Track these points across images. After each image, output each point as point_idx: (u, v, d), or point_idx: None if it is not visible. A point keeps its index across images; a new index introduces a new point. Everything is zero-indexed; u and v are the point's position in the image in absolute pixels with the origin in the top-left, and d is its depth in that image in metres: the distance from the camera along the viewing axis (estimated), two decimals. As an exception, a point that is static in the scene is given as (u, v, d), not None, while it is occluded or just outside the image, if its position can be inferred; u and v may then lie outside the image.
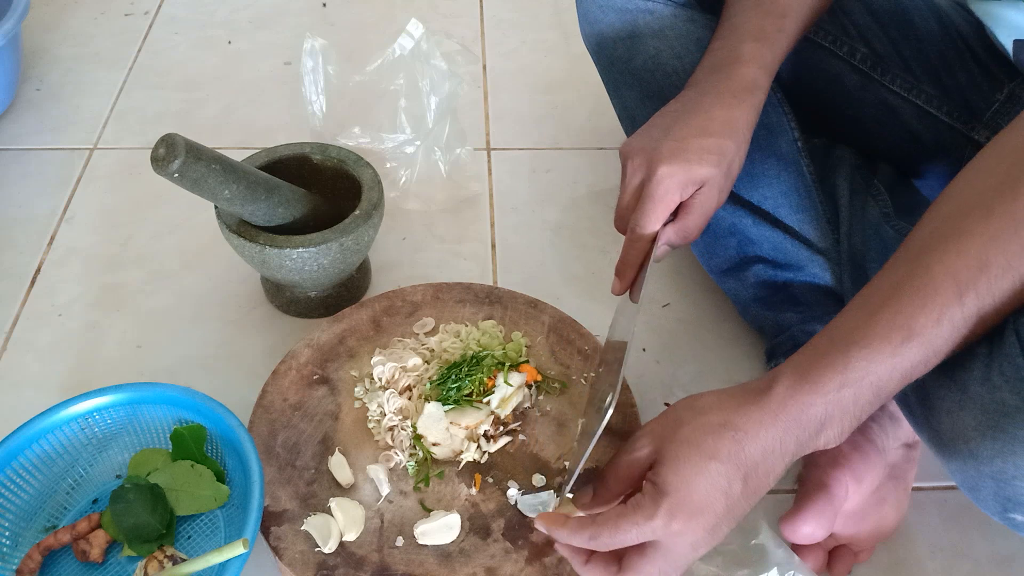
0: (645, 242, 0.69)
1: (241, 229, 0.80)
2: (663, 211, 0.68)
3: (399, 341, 0.80)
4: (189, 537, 0.70)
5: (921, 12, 0.83)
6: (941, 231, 0.52)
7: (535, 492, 0.70)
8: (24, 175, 1.08)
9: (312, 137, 0.99)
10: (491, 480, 0.71)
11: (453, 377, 0.74)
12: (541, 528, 0.61)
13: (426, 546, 0.67)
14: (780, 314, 0.82)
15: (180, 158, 0.69)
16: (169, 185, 0.74)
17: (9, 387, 0.85)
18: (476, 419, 0.72)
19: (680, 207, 0.69)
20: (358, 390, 0.77)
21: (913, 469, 0.74)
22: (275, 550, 0.66)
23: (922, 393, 0.56)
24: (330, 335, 0.81)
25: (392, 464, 0.72)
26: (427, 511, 0.69)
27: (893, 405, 0.72)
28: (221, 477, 0.71)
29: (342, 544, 0.66)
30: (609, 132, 1.14)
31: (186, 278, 0.96)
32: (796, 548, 0.69)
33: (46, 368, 0.87)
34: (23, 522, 0.70)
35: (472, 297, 0.85)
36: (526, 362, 0.77)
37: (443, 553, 0.66)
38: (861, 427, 0.55)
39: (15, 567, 0.67)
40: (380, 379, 0.76)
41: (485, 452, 0.72)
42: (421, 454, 0.72)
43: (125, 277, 0.96)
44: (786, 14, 0.73)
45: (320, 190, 0.88)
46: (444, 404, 0.72)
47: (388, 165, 1.00)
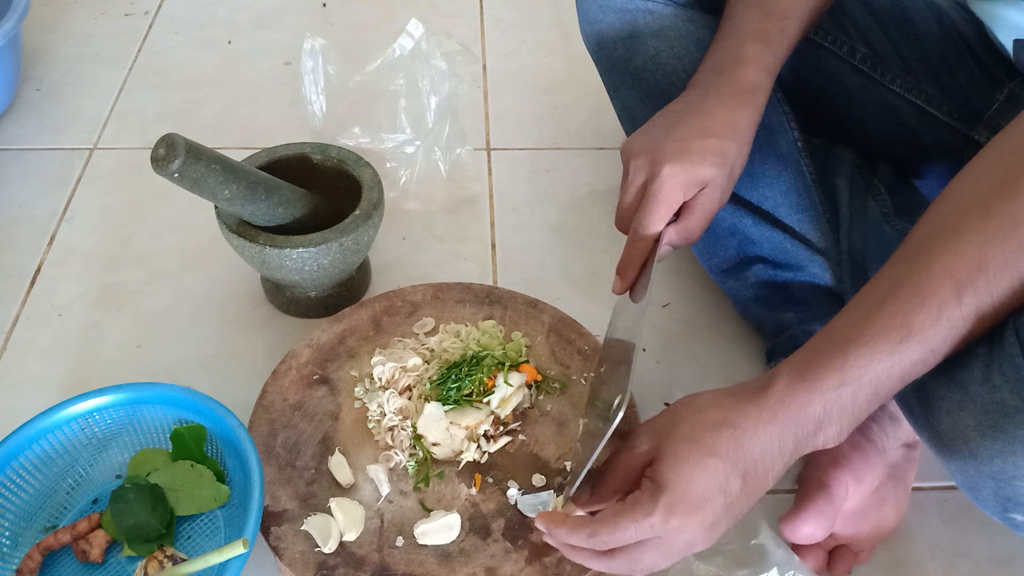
0: (647, 242, 0.69)
1: (241, 229, 0.80)
2: (666, 211, 0.68)
3: (399, 341, 0.80)
4: (189, 537, 0.70)
5: (921, 12, 0.83)
6: (940, 230, 0.52)
7: (535, 492, 0.70)
8: (24, 175, 1.08)
9: (312, 137, 0.99)
10: (491, 480, 0.71)
11: (453, 377, 0.74)
12: (540, 527, 0.61)
13: (426, 546, 0.67)
14: (780, 314, 0.82)
15: (180, 158, 0.69)
16: (169, 185, 0.74)
17: (9, 387, 0.85)
18: (476, 419, 0.72)
19: (682, 208, 0.69)
20: (358, 390, 0.77)
21: (913, 469, 0.74)
22: (275, 550, 0.66)
23: (922, 393, 0.56)
24: (330, 335, 0.81)
25: (392, 464, 0.72)
26: (427, 511, 0.69)
27: (893, 405, 0.72)
28: (221, 477, 0.71)
29: (342, 544, 0.66)
30: (609, 132, 1.14)
31: (186, 278, 0.96)
32: (796, 548, 0.69)
33: (46, 368, 0.87)
34: (23, 522, 0.70)
35: (472, 297, 0.85)
36: (526, 362, 0.77)
37: (443, 553, 0.66)
38: (861, 427, 0.55)
39: (15, 567, 0.67)
40: (380, 379, 0.76)
41: (485, 452, 0.72)
42: (421, 454, 0.72)
43: (125, 277, 0.96)
44: (788, 15, 0.73)
45: (320, 190, 0.87)
46: (444, 404, 0.72)
47: (388, 165, 1.00)
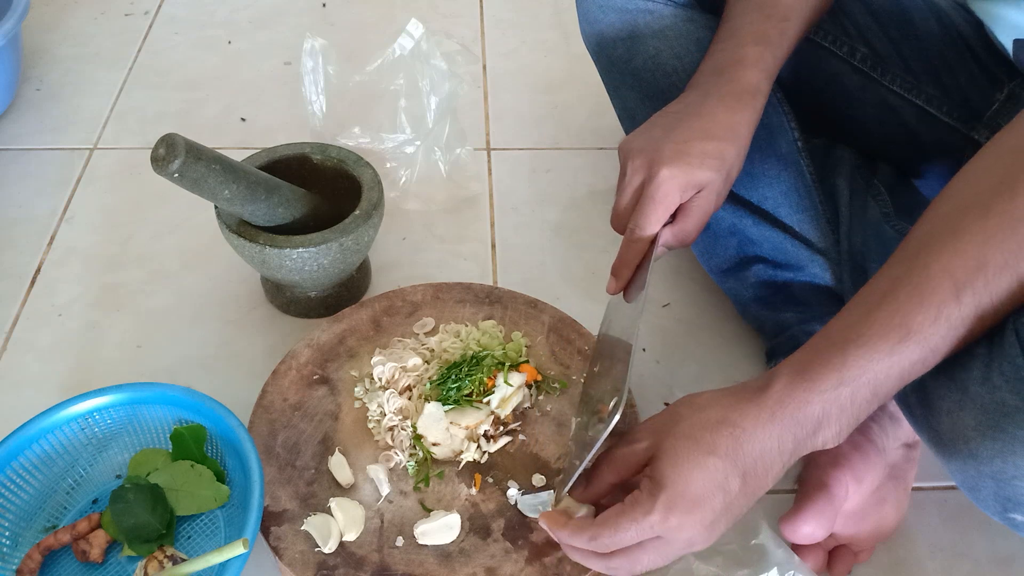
0: (643, 243, 0.69)
1: (241, 229, 0.80)
2: (663, 213, 0.68)
3: (399, 341, 0.80)
4: (189, 537, 0.70)
5: (921, 12, 0.83)
6: (939, 230, 0.52)
7: (535, 492, 0.70)
8: (24, 175, 1.08)
9: (312, 137, 0.99)
10: (491, 480, 0.71)
11: (453, 377, 0.74)
12: (544, 525, 0.61)
13: (426, 546, 0.67)
14: (780, 314, 0.82)
15: (180, 158, 0.69)
16: (169, 185, 0.74)
17: (9, 387, 0.85)
18: (476, 419, 0.72)
19: (678, 209, 0.69)
20: (358, 390, 0.77)
21: (913, 469, 0.74)
22: (275, 550, 0.66)
23: (922, 393, 0.56)
24: (330, 335, 0.81)
25: (392, 464, 0.72)
26: (427, 511, 0.69)
27: (893, 405, 0.72)
28: (221, 477, 0.71)
29: (342, 544, 0.66)
30: (609, 132, 1.14)
31: (186, 278, 0.96)
32: (796, 548, 0.69)
33: (46, 368, 0.87)
34: (23, 522, 0.70)
35: (472, 297, 0.85)
36: (526, 362, 0.77)
37: (443, 553, 0.66)
38: (861, 427, 0.55)
39: (15, 567, 0.67)
40: (380, 379, 0.76)
41: (485, 452, 0.72)
42: (421, 454, 0.72)
43: (125, 277, 0.96)
44: (788, 17, 0.73)
45: (320, 190, 0.88)
46: (444, 404, 0.72)
47: (388, 165, 1.00)
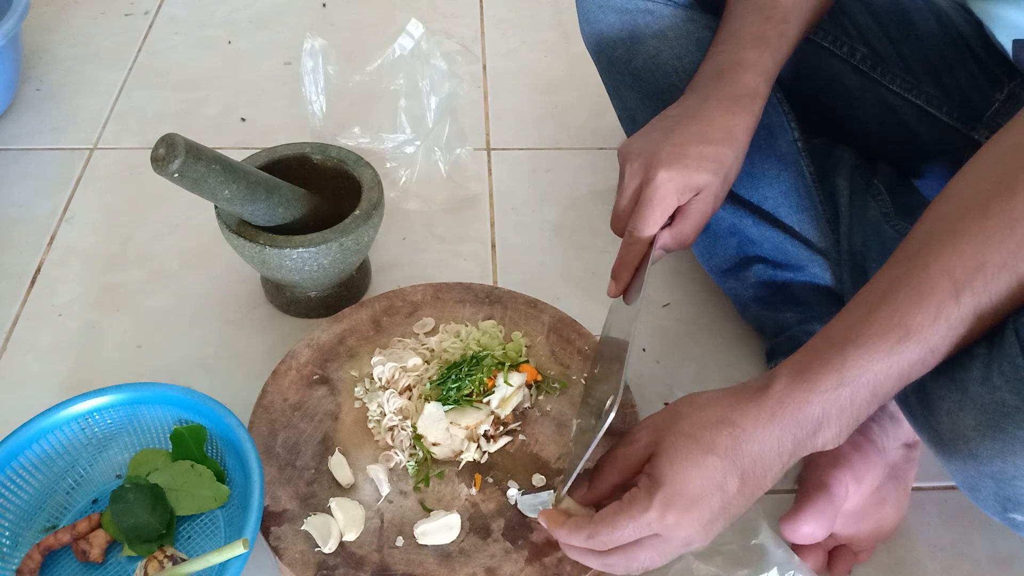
0: (642, 245, 0.69)
1: (241, 229, 0.81)
2: (660, 215, 0.68)
3: (399, 341, 0.80)
4: (189, 537, 0.70)
5: (921, 12, 0.83)
6: (938, 230, 0.52)
7: (535, 492, 0.70)
8: (24, 175, 1.08)
9: (312, 137, 0.99)
10: (491, 480, 0.71)
11: (453, 377, 0.74)
12: (543, 523, 0.61)
13: (426, 546, 0.67)
14: (780, 314, 0.82)
15: (180, 158, 0.69)
16: (169, 185, 0.74)
17: (9, 387, 0.85)
18: (476, 419, 0.72)
19: (676, 212, 0.69)
20: (358, 390, 0.77)
21: (913, 469, 0.74)
22: (275, 550, 0.66)
23: (922, 393, 0.56)
24: (330, 335, 0.81)
25: (392, 464, 0.72)
26: (427, 511, 0.69)
27: (893, 405, 0.72)
28: (221, 477, 0.71)
29: (342, 544, 0.66)
30: (609, 132, 1.14)
31: (186, 278, 0.96)
32: (796, 548, 0.69)
33: (46, 368, 0.87)
34: (23, 522, 0.70)
35: (472, 297, 0.85)
36: (526, 362, 0.77)
37: (443, 553, 0.66)
38: (861, 427, 0.55)
39: (15, 567, 0.67)
40: (380, 379, 0.76)
41: (485, 452, 0.72)
42: (421, 454, 0.72)
43: (125, 277, 0.96)
44: (787, 19, 0.73)
45: (320, 190, 0.88)
46: (444, 404, 0.72)
47: (388, 165, 1.00)
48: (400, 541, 0.67)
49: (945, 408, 0.54)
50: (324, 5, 1.39)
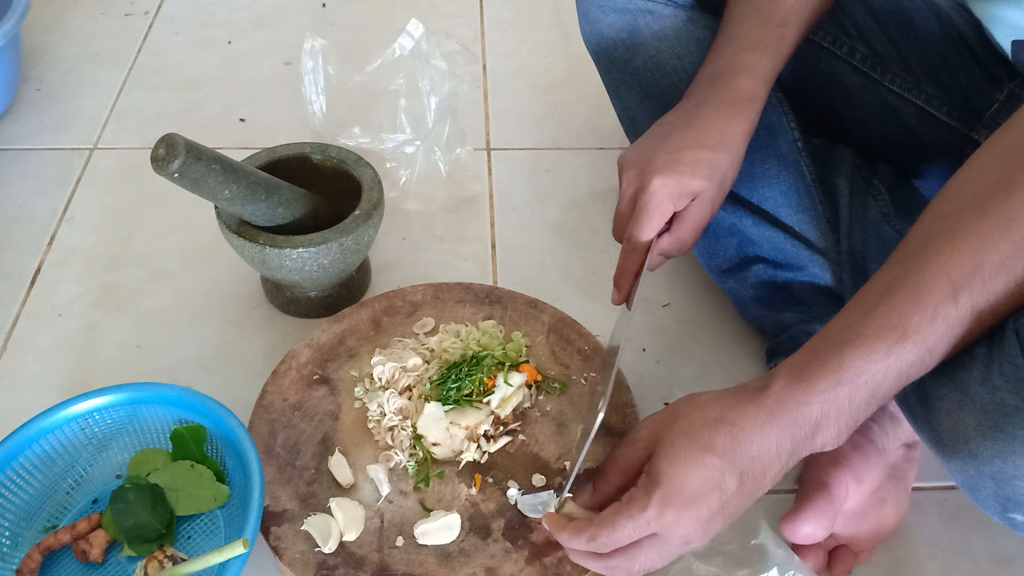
0: (640, 251, 0.70)
1: (241, 229, 0.81)
2: (657, 222, 0.69)
3: (399, 341, 0.80)
4: (189, 537, 0.70)
5: (921, 12, 0.83)
6: (936, 231, 0.52)
7: (535, 492, 0.70)
8: (24, 175, 1.08)
9: (312, 137, 0.99)
10: (491, 480, 0.71)
11: (453, 377, 0.74)
12: (546, 526, 0.61)
13: (426, 546, 0.67)
14: (780, 314, 0.82)
15: (180, 158, 0.69)
16: (169, 185, 0.74)
17: (9, 387, 0.85)
18: (476, 419, 0.72)
19: (674, 218, 0.70)
20: (358, 390, 0.77)
21: (913, 469, 0.74)
22: (275, 550, 0.66)
23: (922, 393, 0.56)
24: (330, 335, 0.81)
25: (392, 464, 0.72)
26: (427, 511, 0.69)
27: (893, 405, 0.72)
28: (221, 477, 0.71)
29: (342, 544, 0.66)
30: (609, 132, 1.14)
31: (186, 278, 0.96)
32: (796, 548, 0.69)
33: (46, 368, 0.87)
34: (23, 522, 0.70)
35: (472, 297, 0.85)
36: (526, 362, 0.77)
37: (443, 553, 0.66)
38: (861, 427, 0.55)
39: (15, 567, 0.67)
40: (380, 379, 0.76)
41: (485, 452, 0.72)
42: (421, 454, 0.72)
43: (125, 277, 0.96)
44: (786, 22, 0.73)
45: (320, 190, 0.88)
46: (444, 404, 0.72)
47: (388, 165, 1.00)
48: (400, 541, 0.67)
49: (945, 408, 0.54)
50: (324, 5, 1.39)
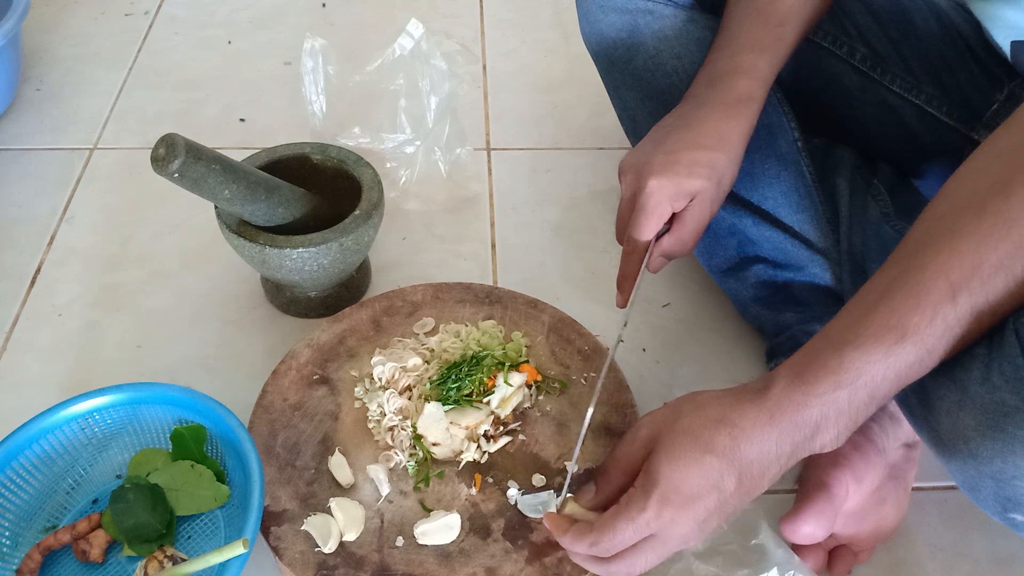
0: (640, 253, 0.70)
1: (241, 229, 0.81)
2: (654, 223, 0.69)
3: (399, 341, 0.80)
4: (189, 537, 0.70)
5: (921, 12, 0.83)
6: (935, 231, 0.52)
7: (535, 492, 0.70)
8: (24, 175, 1.08)
9: (312, 137, 0.99)
10: (491, 480, 0.71)
11: (453, 377, 0.74)
12: (547, 526, 0.61)
13: (426, 546, 0.67)
14: (780, 314, 0.82)
15: (180, 158, 0.69)
16: (169, 185, 0.74)
17: (9, 387, 0.85)
18: (476, 419, 0.72)
19: (674, 219, 0.70)
20: (358, 390, 0.77)
21: (913, 469, 0.74)
22: (275, 550, 0.66)
23: (922, 393, 0.56)
24: (330, 335, 0.81)
25: (392, 464, 0.72)
26: (427, 511, 0.69)
27: (893, 405, 0.72)
28: (221, 477, 0.71)
29: (342, 544, 0.66)
30: (609, 132, 1.14)
31: (186, 278, 0.96)
32: (796, 548, 0.69)
33: (46, 368, 0.87)
34: (23, 522, 0.70)
35: (472, 297, 0.85)
36: (526, 362, 0.77)
37: (443, 553, 0.66)
38: (861, 427, 0.55)
39: (15, 567, 0.67)
40: (380, 379, 0.76)
41: (485, 452, 0.72)
42: (421, 454, 0.72)
43: (125, 277, 0.96)
44: (784, 22, 0.73)
45: (320, 190, 0.88)
46: (444, 404, 0.72)
47: (388, 165, 1.00)
48: (400, 541, 0.67)
49: (945, 408, 0.54)
50: (324, 5, 1.39)
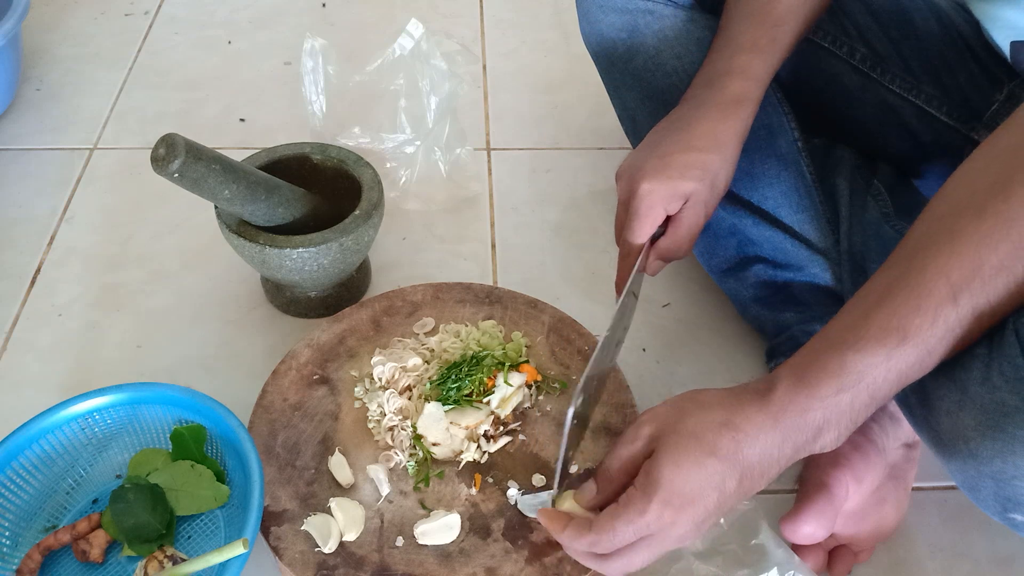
0: (635, 256, 0.70)
1: (241, 229, 0.81)
2: (647, 226, 0.69)
3: (399, 341, 0.80)
4: (189, 537, 0.70)
5: (921, 12, 0.83)
6: (935, 232, 0.52)
7: (535, 492, 0.70)
8: (24, 175, 1.08)
9: (312, 137, 0.99)
10: (491, 480, 0.71)
11: (453, 377, 0.74)
12: (542, 521, 0.61)
13: (426, 546, 0.67)
14: (780, 314, 0.82)
15: (180, 158, 0.69)
16: (169, 185, 0.74)
17: (9, 387, 0.85)
18: (476, 419, 0.72)
19: (669, 222, 0.70)
20: (358, 390, 0.77)
21: (913, 469, 0.74)
22: (275, 550, 0.66)
23: (922, 393, 0.56)
24: (330, 335, 0.81)
25: (392, 464, 0.72)
26: (427, 511, 0.69)
27: (893, 405, 0.72)
28: (221, 477, 0.71)
29: (342, 544, 0.66)
30: (609, 132, 1.14)
31: (186, 278, 0.96)
32: (796, 548, 0.69)
33: (46, 368, 0.87)
34: (23, 522, 0.70)
35: (472, 297, 0.85)
36: (526, 362, 0.77)
37: (443, 553, 0.66)
38: (861, 427, 0.55)
39: (15, 567, 0.67)
40: (380, 379, 0.76)
41: (485, 452, 0.72)
42: (421, 454, 0.72)
43: (125, 277, 0.96)
44: (781, 22, 0.73)
45: (320, 190, 0.88)
46: (444, 404, 0.72)
47: (388, 165, 1.00)
48: (400, 541, 0.67)
49: (945, 408, 0.54)
50: (324, 5, 1.39)
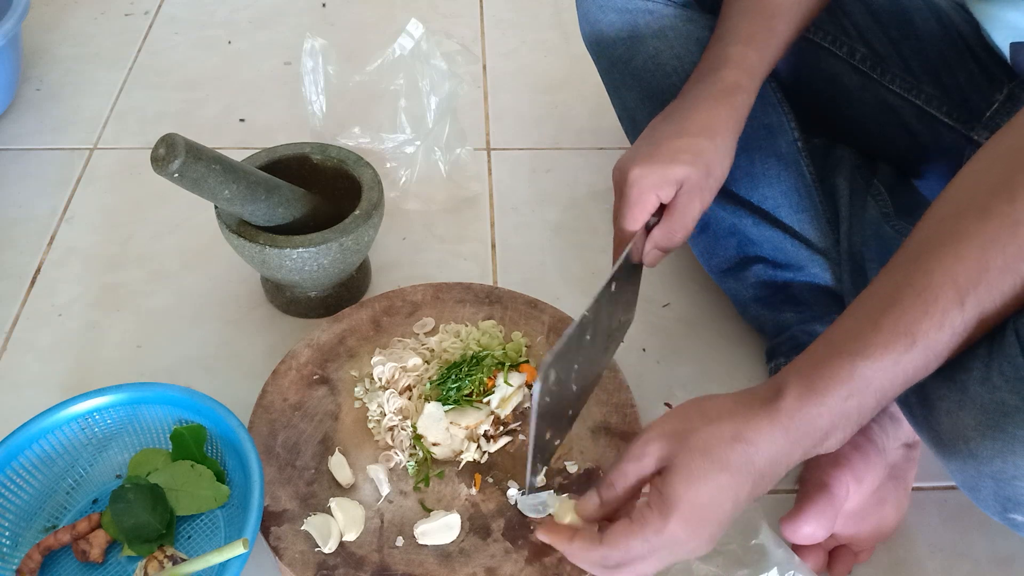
0: (628, 243, 0.69)
1: (241, 229, 0.80)
2: (638, 212, 0.68)
3: (399, 341, 0.80)
4: (189, 537, 0.70)
5: (921, 12, 0.83)
6: (939, 234, 0.52)
7: (535, 492, 0.70)
8: (24, 175, 1.08)
9: (312, 137, 0.99)
10: (491, 480, 0.71)
11: (453, 377, 0.74)
12: (543, 539, 0.60)
13: (426, 546, 0.67)
14: (780, 314, 0.82)
15: (180, 158, 0.69)
16: (169, 185, 0.74)
17: (9, 387, 0.85)
18: (476, 419, 0.72)
19: (665, 210, 0.69)
20: (358, 390, 0.77)
21: (913, 469, 0.74)
22: (275, 550, 0.66)
23: (922, 393, 0.56)
24: (330, 335, 0.81)
25: (392, 464, 0.72)
26: (427, 511, 0.69)
27: (893, 405, 0.72)
28: (221, 477, 0.71)
29: (342, 544, 0.66)
30: (609, 132, 1.14)
31: (186, 278, 0.96)
32: (796, 548, 0.69)
33: (46, 368, 0.87)
34: (23, 522, 0.70)
35: (472, 297, 0.85)
36: (526, 362, 0.77)
37: (443, 553, 0.66)
38: (862, 427, 0.55)
39: (15, 567, 0.67)
40: (380, 379, 0.76)
41: (485, 452, 0.72)
42: (421, 454, 0.72)
43: (125, 277, 0.96)
44: (775, 15, 0.73)
45: (320, 190, 0.88)
46: (444, 404, 0.72)
47: (388, 165, 1.00)
48: (400, 541, 0.67)
49: (945, 408, 0.54)
50: (324, 5, 1.39)
